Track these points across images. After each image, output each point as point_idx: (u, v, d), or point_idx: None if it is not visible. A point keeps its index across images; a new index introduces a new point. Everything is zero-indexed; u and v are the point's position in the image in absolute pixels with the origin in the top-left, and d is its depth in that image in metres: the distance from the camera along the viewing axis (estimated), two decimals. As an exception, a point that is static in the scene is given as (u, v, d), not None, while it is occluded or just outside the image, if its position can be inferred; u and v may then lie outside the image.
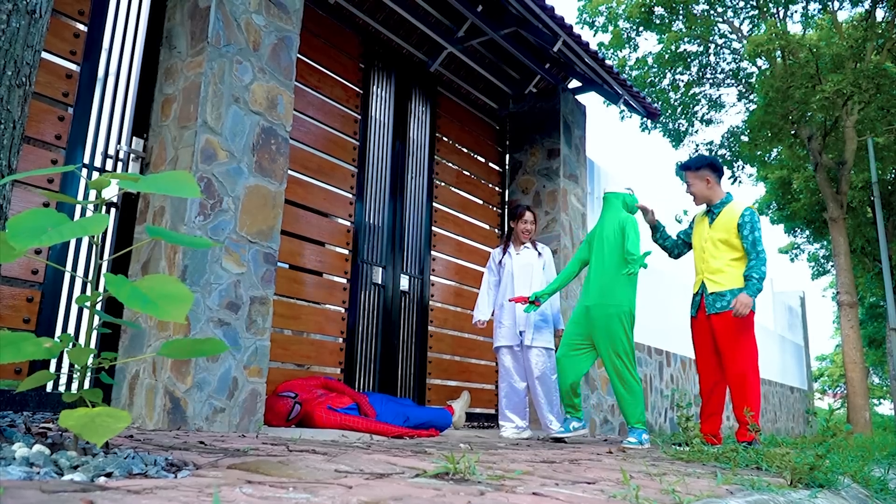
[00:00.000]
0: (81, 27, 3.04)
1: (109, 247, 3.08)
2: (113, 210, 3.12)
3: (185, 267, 2.85)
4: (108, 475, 1.18)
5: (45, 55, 2.89)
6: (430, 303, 5.11)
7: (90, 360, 1.38)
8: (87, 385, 2.88)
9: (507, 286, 4.40)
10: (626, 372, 3.83)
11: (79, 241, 2.97)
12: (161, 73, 3.27)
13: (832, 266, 19.00)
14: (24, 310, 2.73)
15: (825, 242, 20.07)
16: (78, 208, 2.91)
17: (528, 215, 4.48)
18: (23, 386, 1.42)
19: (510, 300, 4.25)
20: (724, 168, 17.83)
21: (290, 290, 3.98)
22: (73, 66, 3.00)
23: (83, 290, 2.98)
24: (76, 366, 1.36)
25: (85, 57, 3.04)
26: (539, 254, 4.44)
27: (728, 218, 3.71)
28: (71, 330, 2.88)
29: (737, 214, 3.68)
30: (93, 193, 2.97)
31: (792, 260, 21.98)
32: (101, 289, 2.06)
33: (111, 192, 3.19)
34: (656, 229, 4.11)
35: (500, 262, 4.49)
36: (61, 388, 2.90)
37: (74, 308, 2.90)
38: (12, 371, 2.70)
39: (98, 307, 1.95)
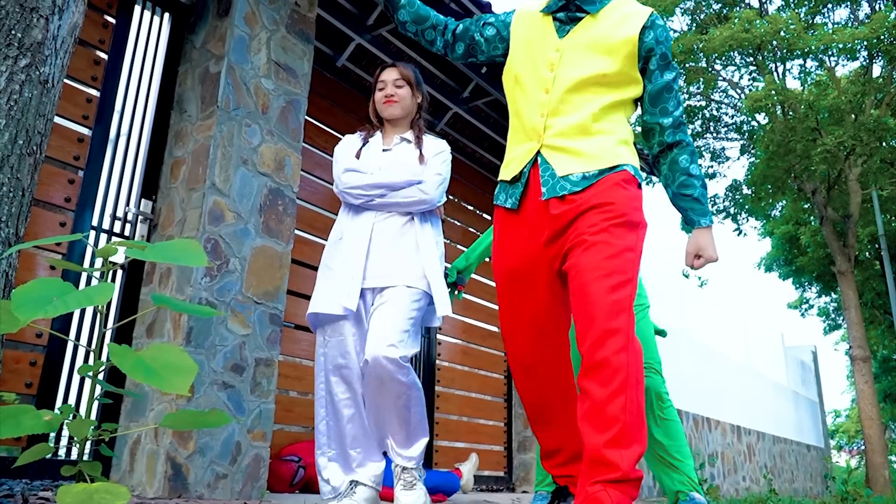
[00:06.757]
0: (94, 93, 3.10)
1: (115, 307, 3.07)
2: (119, 271, 3.12)
3: (190, 329, 2.83)
4: (105, 556, 1.13)
5: (57, 119, 2.94)
6: (437, 362, 5.05)
7: (90, 432, 1.35)
8: (87, 453, 2.83)
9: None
10: (663, 389, 2.74)
11: (84, 304, 2.96)
12: (171, 136, 3.32)
13: (843, 320, 18.82)
14: (26, 373, 2.70)
15: (835, 295, 19.93)
16: (84, 274, 2.91)
17: (388, 73, 2.56)
18: (22, 459, 1.38)
19: None
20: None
21: (294, 351, 3.94)
22: (85, 131, 3.04)
23: (86, 355, 2.95)
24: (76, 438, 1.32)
25: (97, 121, 3.09)
26: (421, 155, 2.48)
27: (617, 23, 1.87)
28: (74, 393, 2.83)
29: (637, 17, 1.88)
30: (99, 261, 2.97)
31: (802, 315, 21.78)
32: (104, 357, 2.04)
33: (118, 256, 3.20)
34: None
35: (357, 155, 2.50)
36: (62, 452, 2.85)
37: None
38: (12, 437, 2.65)
39: (100, 376, 1.92)
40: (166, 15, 3.45)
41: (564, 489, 2.11)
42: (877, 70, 12.98)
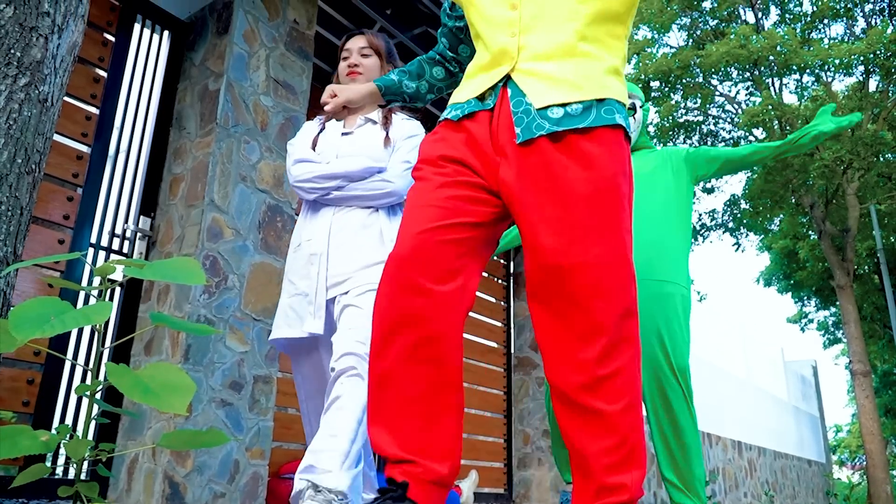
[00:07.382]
0: (93, 110, 3.11)
1: (113, 325, 3.05)
2: (118, 289, 3.11)
3: (188, 346, 2.82)
4: (101, 579, 1.12)
5: (56, 137, 2.95)
6: (437, 378, 5.02)
7: (87, 453, 1.33)
8: (84, 473, 2.80)
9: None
10: (683, 404, 2.33)
11: (82, 321, 2.94)
12: (170, 153, 3.32)
13: (842, 334, 18.79)
14: (23, 392, 2.68)
15: (834, 310, 19.91)
16: (82, 292, 2.90)
17: (355, 41, 2.20)
18: (19, 480, 1.37)
19: None
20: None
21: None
22: (84, 148, 3.05)
23: (84, 374, 2.94)
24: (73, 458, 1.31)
25: (96, 138, 3.09)
26: (387, 137, 2.14)
27: None
28: (71, 412, 2.81)
29: None
30: (97, 279, 2.97)
31: (802, 330, 21.74)
32: (101, 376, 2.02)
33: (117, 274, 3.19)
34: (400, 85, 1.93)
35: (315, 142, 2.17)
36: (59, 472, 2.82)
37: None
38: (9, 457, 2.62)
39: (98, 395, 1.90)
40: (166, 33, 3.47)
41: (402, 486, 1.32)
42: (873, 85, 13.06)
